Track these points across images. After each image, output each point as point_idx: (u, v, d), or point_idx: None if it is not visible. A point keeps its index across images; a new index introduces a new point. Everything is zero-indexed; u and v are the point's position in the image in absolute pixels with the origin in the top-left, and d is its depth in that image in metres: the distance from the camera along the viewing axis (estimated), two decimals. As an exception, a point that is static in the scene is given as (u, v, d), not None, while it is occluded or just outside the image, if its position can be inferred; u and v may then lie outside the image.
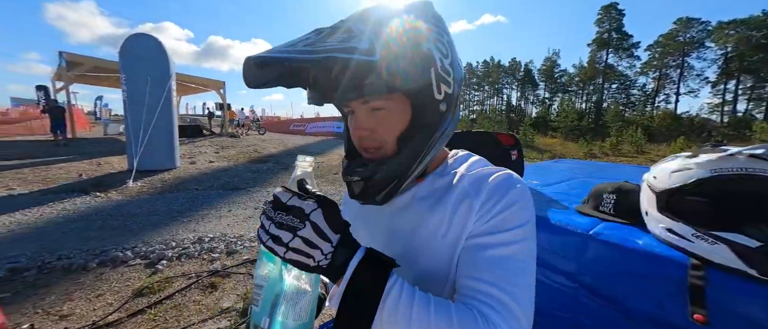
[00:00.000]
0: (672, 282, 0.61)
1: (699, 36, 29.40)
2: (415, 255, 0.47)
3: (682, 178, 0.66)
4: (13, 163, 6.63)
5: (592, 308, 0.74)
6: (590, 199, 0.99)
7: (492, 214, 0.42)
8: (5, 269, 2.47)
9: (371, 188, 0.46)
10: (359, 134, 0.47)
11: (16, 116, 15.13)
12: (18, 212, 3.82)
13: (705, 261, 0.60)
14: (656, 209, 0.71)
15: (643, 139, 17.62)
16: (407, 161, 0.45)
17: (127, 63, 6.02)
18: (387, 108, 0.45)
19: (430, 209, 0.47)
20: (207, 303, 2.15)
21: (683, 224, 0.64)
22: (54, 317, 1.96)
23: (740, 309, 0.54)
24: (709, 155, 0.63)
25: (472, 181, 0.46)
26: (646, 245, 0.69)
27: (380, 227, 0.52)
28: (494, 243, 0.41)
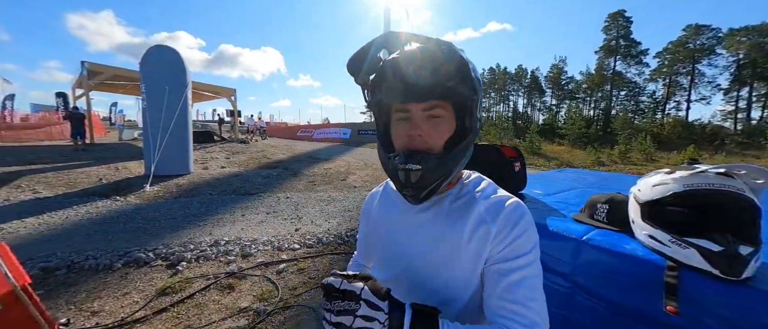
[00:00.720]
0: (651, 281, 0.71)
1: (709, 43, 29.04)
2: (437, 267, 0.56)
3: (661, 191, 0.76)
4: (37, 167, 6.95)
5: (584, 304, 0.84)
6: (586, 208, 1.09)
7: (507, 241, 0.52)
8: (38, 267, 2.64)
9: (428, 178, 0.51)
10: (414, 133, 0.53)
11: (36, 122, 15.78)
12: (45, 214, 4.04)
13: (679, 263, 0.70)
14: (640, 218, 0.81)
15: (652, 147, 17.36)
16: (452, 163, 0.53)
17: (147, 73, 6.32)
18: (442, 117, 0.53)
19: (451, 227, 0.55)
20: (225, 302, 2.27)
21: (662, 231, 0.74)
22: (86, 313, 2.11)
23: (705, 302, 0.64)
24: (683, 171, 0.73)
25: (489, 207, 0.55)
26: (631, 249, 0.79)
27: (404, 240, 0.61)
28: (514, 268, 0.51)
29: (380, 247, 0.67)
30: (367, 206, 0.76)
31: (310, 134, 22.18)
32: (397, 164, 0.52)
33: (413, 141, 0.53)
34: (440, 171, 0.52)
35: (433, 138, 0.53)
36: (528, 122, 38.53)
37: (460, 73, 0.52)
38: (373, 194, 0.76)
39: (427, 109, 0.53)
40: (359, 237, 0.81)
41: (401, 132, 0.55)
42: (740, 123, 27.89)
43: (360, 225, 0.80)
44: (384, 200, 0.70)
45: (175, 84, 6.42)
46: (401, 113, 0.55)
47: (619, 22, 33.99)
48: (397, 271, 0.62)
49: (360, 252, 0.82)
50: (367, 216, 0.74)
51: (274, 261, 2.95)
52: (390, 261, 0.64)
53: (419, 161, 0.51)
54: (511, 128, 26.01)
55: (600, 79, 35.69)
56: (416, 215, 0.60)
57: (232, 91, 15.91)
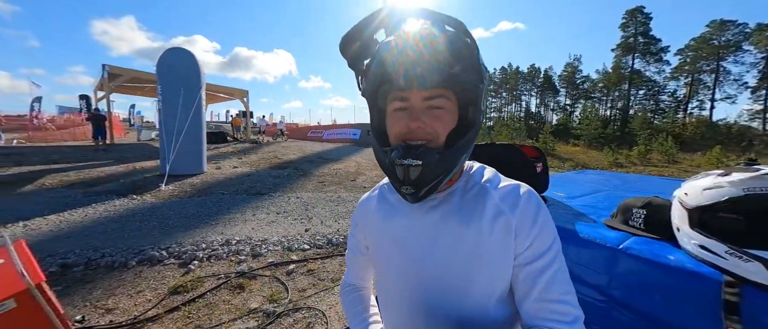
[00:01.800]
0: (705, 298, 0.62)
1: (736, 39, 27.65)
2: (460, 270, 0.50)
3: (715, 195, 0.67)
4: (60, 166, 7.24)
5: (623, 321, 0.76)
6: (619, 213, 0.99)
7: (532, 237, 0.49)
8: (58, 264, 2.71)
9: (428, 175, 0.47)
10: (413, 125, 0.48)
11: (61, 123, 16.52)
12: (66, 212, 4.18)
13: (740, 278, 0.61)
14: (688, 226, 0.72)
15: (674, 148, 16.64)
16: (454, 159, 0.48)
17: (163, 75, 6.48)
18: (444, 107, 0.48)
19: (467, 223, 0.50)
20: (235, 303, 2.26)
21: (716, 242, 0.65)
22: (100, 310, 2.14)
23: (776, 326, 0.55)
24: (742, 174, 0.64)
25: (503, 196, 0.51)
26: (678, 261, 0.70)
27: (417, 247, 0.54)
28: (545, 266, 0.48)
29: (387, 260, 0.58)
30: (360, 216, 0.66)
31: (320, 135, 22.34)
32: (394, 158, 0.48)
33: (412, 133, 0.48)
34: (442, 167, 0.47)
35: (435, 131, 0.48)
36: (541, 122, 37.67)
37: (467, 58, 0.46)
38: (366, 201, 0.66)
39: (428, 98, 0.48)
40: (350, 254, 0.71)
41: (399, 123, 0.49)
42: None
43: (351, 240, 0.70)
44: (382, 205, 0.61)
45: (189, 86, 6.56)
46: (399, 103, 0.49)
47: (637, 18, 32.83)
48: (411, 283, 0.54)
49: (350, 271, 0.73)
50: (363, 227, 0.65)
51: (284, 261, 2.93)
52: (402, 273, 0.56)
53: (419, 156, 0.46)
54: (523, 128, 25.48)
55: (617, 77, 34.53)
56: (424, 216, 0.54)
57: (245, 92, 16.20)
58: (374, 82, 0.50)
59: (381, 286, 0.62)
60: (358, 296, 0.70)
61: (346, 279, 0.74)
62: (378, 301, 0.66)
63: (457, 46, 0.46)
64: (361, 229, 0.66)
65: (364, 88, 0.52)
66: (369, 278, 0.73)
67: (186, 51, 6.79)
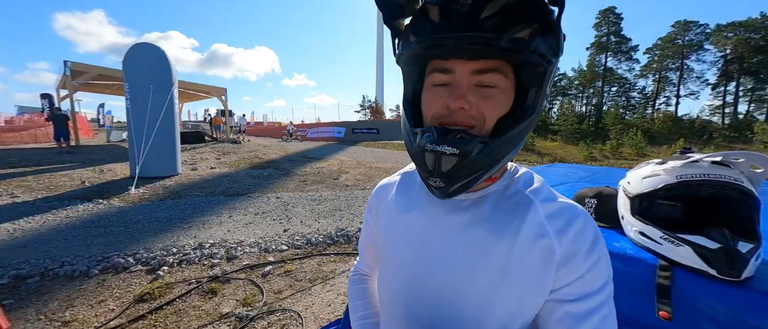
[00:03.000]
0: (642, 282, 0.65)
1: (698, 39, 29.54)
2: (477, 288, 0.42)
3: (652, 183, 0.69)
4: (18, 170, 6.72)
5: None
6: (574, 203, 1.02)
7: (581, 271, 0.39)
8: (9, 276, 2.51)
9: (465, 167, 0.38)
10: (454, 105, 0.38)
11: (21, 124, 15.33)
12: (22, 220, 3.87)
13: (671, 262, 0.63)
14: (630, 213, 0.74)
15: (643, 142, 17.59)
16: (500, 152, 0.39)
17: (130, 72, 6.13)
18: (498, 86, 0.38)
19: (498, 235, 0.42)
20: (206, 308, 2.18)
21: (653, 227, 0.67)
22: (56, 323, 2.00)
23: (701, 305, 0.58)
24: (676, 161, 0.67)
25: (551, 215, 0.42)
26: (621, 247, 0.73)
27: (430, 251, 0.46)
28: (590, 310, 0.39)
29: (395, 257, 0.51)
30: (376, 201, 0.58)
31: (304, 133, 21.98)
32: (424, 142, 0.38)
33: (452, 114, 0.39)
34: (483, 161, 0.38)
35: (481, 114, 0.38)
36: (522, 119, 38.74)
37: (541, 19, 0.35)
38: (384, 187, 0.58)
39: (478, 71, 0.38)
40: (363, 239, 0.66)
41: (437, 101, 0.40)
42: (728, 117, 28.47)
43: (365, 226, 0.63)
44: (401, 196, 0.53)
45: (160, 83, 6.24)
46: (440, 75, 0.40)
47: (609, 18, 34.34)
48: (419, 291, 0.47)
49: (363, 259, 0.68)
50: (377, 214, 0.57)
51: (260, 263, 2.85)
52: (409, 277, 0.48)
53: (456, 143, 0.37)
54: (505, 124, 26.12)
55: (591, 75, 36.07)
56: (448, 216, 0.46)
57: (223, 90, 15.65)
58: (412, 44, 0.39)
59: (382, 282, 0.55)
60: (365, 288, 0.66)
61: (357, 265, 0.70)
62: (379, 294, 0.59)
63: (529, 2, 0.34)
64: (374, 216, 0.58)
65: (399, 52, 0.41)
66: (372, 266, 0.68)
67: (154, 47, 6.45)
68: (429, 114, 0.41)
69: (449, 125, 0.39)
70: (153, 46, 6.45)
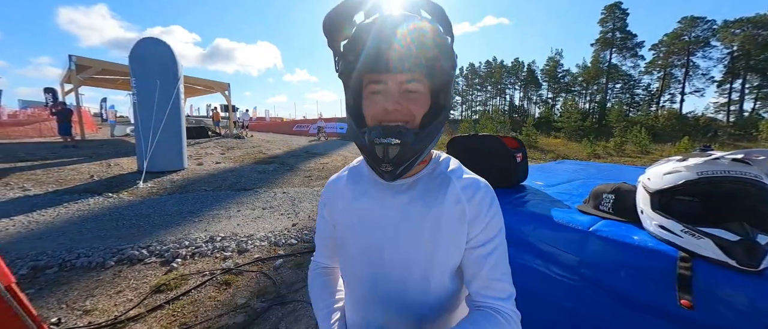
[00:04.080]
0: (662, 273, 0.68)
1: (704, 35, 29.18)
2: (421, 250, 0.56)
3: (673, 179, 0.73)
4: (26, 164, 6.80)
5: (591, 297, 0.81)
6: (591, 199, 1.06)
7: (483, 224, 0.55)
8: (28, 266, 2.57)
9: (406, 153, 0.50)
10: (392, 107, 0.50)
11: (24, 118, 15.42)
12: (35, 212, 3.94)
13: (692, 254, 0.67)
14: (650, 208, 0.78)
15: (647, 139, 17.51)
16: (427, 139, 0.52)
17: (137, 66, 6.16)
18: (419, 91, 0.51)
19: (430, 207, 0.55)
20: (222, 299, 2.23)
21: (673, 221, 0.70)
22: (78, 312, 2.06)
23: (721, 294, 0.61)
24: (697, 159, 0.70)
25: (464, 187, 0.56)
26: (641, 240, 0.76)
27: (383, 227, 0.58)
28: (492, 250, 0.55)
29: (354, 238, 0.61)
30: (329, 197, 0.68)
31: (306, 129, 21.99)
32: (373, 138, 0.50)
33: (389, 115, 0.50)
34: (418, 146, 0.50)
35: (411, 113, 0.51)
36: (524, 116, 38.62)
37: (441, 45, 0.49)
38: (335, 181, 0.68)
39: (403, 81, 0.50)
40: (319, 234, 0.73)
41: (375, 106, 0.52)
42: (733, 115, 28.24)
43: (320, 221, 0.72)
44: (352, 186, 0.63)
45: (166, 78, 6.27)
46: (375, 85, 0.51)
47: (615, 13, 33.93)
48: (377, 260, 0.58)
49: (321, 252, 0.74)
50: (331, 208, 0.67)
51: (271, 256, 2.91)
52: (368, 251, 0.59)
53: (398, 135, 0.48)
54: (507, 121, 26.06)
55: (596, 72, 35.77)
56: (393, 198, 0.57)
57: (226, 85, 15.66)
58: (351, 63, 0.52)
59: (345, 263, 0.65)
60: (326, 280, 0.72)
61: (315, 258, 0.76)
62: (343, 275, 0.69)
63: (433, 34, 0.48)
64: (329, 209, 0.67)
65: (341, 69, 0.53)
66: (335, 257, 0.74)
67: (161, 41, 6.46)
68: (370, 115, 0.53)
69: (390, 121, 0.51)
70: (159, 41, 6.47)
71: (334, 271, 0.75)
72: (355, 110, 0.56)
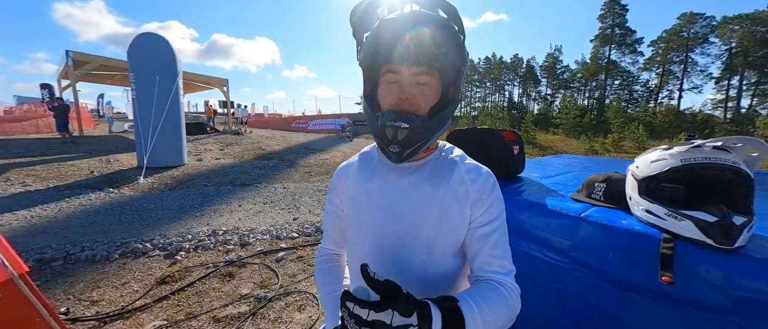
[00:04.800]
0: (647, 254, 0.73)
1: (703, 31, 29.19)
2: (428, 226, 0.60)
3: (659, 167, 0.77)
4: (25, 160, 6.80)
5: (582, 279, 0.86)
6: (583, 188, 1.10)
7: (486, 205, 0.60)
8: (33, 259, 2.61)
9: (414, 137, 0.54)
10: (404, 97, 0.55)
11: (20, 114, 15.30)
12: (37, 208, 3.98)
13: (674, 235, 0.72)
14: (638, 194, 0.82)
15: (645, 135, 17.62)
16: (434, 127, 0.56)
17: (135, 62, 6.15)
18: (429, 84, 0.56)
19: (436, 187, 0.60)
20: (226, 290, 2.29)
21: (657, 205, 0.75)
22: (85, 302, 2.11)
23: (699, 271, 0.66)
24: (680, 147, 0.75)
25: (468, 170, 0.62)
26: (628, 224, 0.81)
27: (392, 206, 0.61)
28: (494, 229, 0.60)
29: (362, 218, 0.65)
30: (338, 180, 0.71)
31: (305, 126, 21.97)
32: (384, 121, 0.54)
33: (401, 103, 0.55)
34: (424, 132, 0.55)
35: (420, 102, 0.55)
36: (523, 112, 38.66)
37: (453, 43, 0.53)
38: (346, 167, 0.71)
39: (416, 73, 0.54)
40: (328, 218, 0.75)
41: (390, 95, 0.56)
42: (730, 112, 28.38)
43: (328, 206, 0.74)
44: (363, 169, 0.67)
45: (165, 73, 6.26)
46: (391, 75, 0.56)
47: (614, 9, 33.86)
48: (385, 235, 0.61)
49: (328, 238, 0.76)
50: (340, 190, 0.70)
51: (273, 249, 2.96)
52: (376, 228, 0.62)
53: (406, 120, 0.53)
54: (506, 117, 26.11)
55: (595, 68, 35.78)
56: (401, 179, 0.61)
57: (225, 81, 15.59)
58: (371, 54, 0.56)
59: (353, 241, 0.68)
60: (330, 266, 0.74)
61: (323, 245, 0.78)
62: (349, 256, 0.72)
63: (447, 32, 0.53)
64: (338, 192, 0.71)
65: (361, 58, 0.58)
66: (343, 242, 0.76)
67: (160, 36, 6.44)
68: (386, 103, 0.57)
69: (401, 110, 0.55)
70: (158, 36, 6.45)
71: (340, 258, 0.77)
72: (371, 97, 0.60)
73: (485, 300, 0.51)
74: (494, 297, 0.54)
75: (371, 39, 0.55)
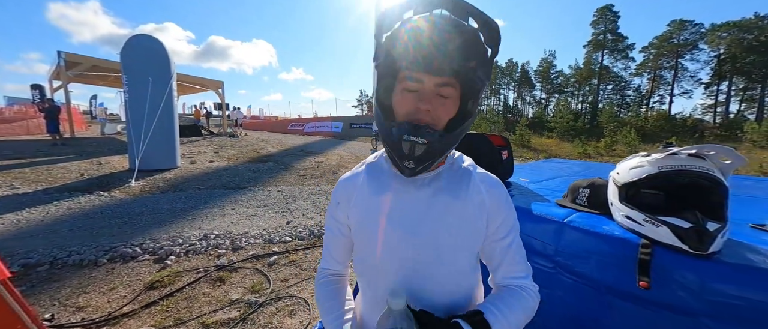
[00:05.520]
0: (626, 259, 0.75)
1: (692, 38, 29.87)
2: (448, 237, 0.59)
3: (638, 173, 0.79)
4: (13, 162, 6.67)
5: (566, 283, 0.87)
6: (568, 193, 1.12)
7: (502, 217, 0.61)
8: (18, 264, 2.56)
9: (430, 153, 0.52)
10: (422, 108, 0.52)
11: (10, 116, 15.03)
12: (24, 211, 3.90)
13: (652, 240, 0.73)
14: (618, 200, 0.84)
15: (637, 140, 17.91)
16: (452, 141, 0.54)
17: (128, 63, 6.09)
18: (450, 96, 0.53)
19: (454, 197, 0.59)
20: (216, 295, 2.26)
21: (637, 211, 0.77)
22: (71, 308, 2.06)
23: (675, 276, 0.68)
24: (658, 154, 0.77)
25: (482, 180, 0.62)
26: (609, 230, 0.83)
27: (409, 217, 0.59)
28: (512, 240, 0.62)
29: (377, 232, 0.60)
30: (343, 196, 0.65)
31: (301, 128, 21.91)
32: (401, 134, 0.51)
33: (420, 114, 0.52)
34: (441, 148, 0.53)
35: (439, 115, 0.53)
36: (518, 116, 39.03)
37: (481, 56, 0.51)
38: (351, 179, 0.66)
39: (439, 85, 0.52)
40: (330, 235, 0.69)
41: (408, 103, 0.53)
42: (719, 116, 29.00)
43: (331, 223, 0.68)
44: (372, 182, 0.62)
45: (158, 75, 6.22)
46: (411, 83, 0.52)
47: (607, 16, 34.50)
48: (405, 251, 0.59)
49: (330, 257, 0.70)
50: (346, 205, 0.64)
51: (265, 253, 2.94)
52: (398, 244, 0.59)
53: (425, 135, 0.50)
54: (501, 121, 26.33)
55: (588, 73, 36.34)
56: (417, 191, 0.59)
57: (220, 83, 15.52)
58: (392, 57, 0.53)
59: (366, 258, 0.63)
60: (334, 289, 0.69)
61: (323, 265, 0.72)
62: (361, 274, 0.66)
63: (476, 43, 0.50)
64: (343, 208, 0.65)
65: (380, 59, 0.54)
66: (347, 261, 0.71)
67: (153, 38, 6.41)
68: (402, 111, 0.54)
69: (416, 122, 0.52)
70: (151, 38, 6.41)
71: (342, 278, 0.72)
72: (384, 102, 0.57)
73: (508, 306, 0.56)
74: (515, 301, 0.58)
75: (392, 39, 0.52)
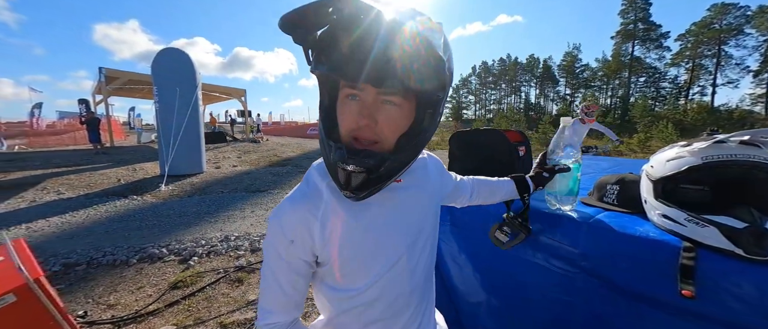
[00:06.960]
0: (664, 264, 0.65)
1: (737, 22, 27.29)
2: (429, 220, 0.62)
3: (676, 166, 0.69)
4: (62, 170, 7.30)
5: (591, 290, 0.78)
6: (595, 191, 1.02)
7: (445, 175, 0.72)
8: (60, 263, 2.76)
9: (371, 181, 0.44)
10: (362, 123, 0.43)
11: (61, 128, 16.57)
12: (68, 214, 4.23)
13: (696, 243, 0.63)
14: (653, 197, 0.74)
15: (675, 134, 16.55)
16: (404, 161, 0.46)
17: (158, 76, 6.50)
18: (398, 105, 0.44)
19: (423, 189, 0.61)
20: (234, 295, 2.31)
21: (677, 210, 0.67)
22: (102, 306, 2.19)
23: (727, 284, 0.57)
24: (701, 143, 0.66)
25: (433, 163, 0.67)
26: (643, 231, 0.73)
27: (398, 222, 0.55)
28: (455, 176, 0.77)
29: (366, 249, 0.53)
30: (300, 227, 0.50)
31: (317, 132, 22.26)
32: (337, 159, 0.43)
33: (360, 130, 0.44)
34: (386, 174, 0.45)
35: (384, 131, 0.44)
36: (541, 113, 37.47)
37: (431, 67, 0.41)
38: (301, 212, 0.51)
39: (382, 94, 0.43)
40: (280, 281, 0.52)
41: (349, 116, 0.44)
42: (772, 106, 26.19)
43: (283, 266, 0.51)
44: (341, 202, 0.51)
45: (185, 85, 6.57)
46: (351, 90, 0.44)
47: (637, 4, 32.39)
48: (398, 259, 0.55)
49: (281, 306, 0.53)
50: (310, 237, 0.51)
51: (282, 255, 2.97)
52: (393, 251, 0.54)
53: (362, 163, 0.42)
54: (523, 119, 25.40)
55: (617, 65, 34.23)
56: (396, 195, 0.55)
57: (243, 92, 16.19)
58: (323, 62, 0.42)
59: (355, 282, 0.54)
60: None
61: (269, 320, 0.53)
62: (347, 302, 0.55)
63: (425, 46, 0.40)
64: (305, 243, 0.51)
65: (314, 68, 0.43)
66: (302, 304, 0.56)
67: (179, 51, 6.79)
68: (343, 127, 0.46)
69: (360, 138, 0.45)
70: (178, 51, 6.79)
71: (298, 322, 0.57)
72: (328, 113, 0.48)
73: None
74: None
75: (325, 40, 0.42)
